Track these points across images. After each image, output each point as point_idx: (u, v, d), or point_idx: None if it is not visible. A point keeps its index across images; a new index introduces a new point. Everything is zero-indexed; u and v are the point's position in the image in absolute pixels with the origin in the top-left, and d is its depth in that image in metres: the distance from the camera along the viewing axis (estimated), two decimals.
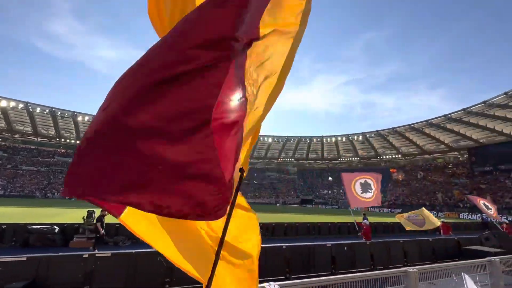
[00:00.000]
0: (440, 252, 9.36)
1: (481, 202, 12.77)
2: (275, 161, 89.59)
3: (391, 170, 69.74)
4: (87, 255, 5.79)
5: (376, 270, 6.54)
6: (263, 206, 59.79)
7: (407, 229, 11.94)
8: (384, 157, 73.74)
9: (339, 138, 70.12)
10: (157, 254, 6.56)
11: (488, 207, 12.84)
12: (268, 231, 14.38)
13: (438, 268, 4.05)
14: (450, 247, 9.71)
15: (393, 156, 71.97)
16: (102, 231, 8.52)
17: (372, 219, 20.78)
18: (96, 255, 5.85)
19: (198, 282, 1.51)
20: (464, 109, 46.98)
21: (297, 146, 78.70)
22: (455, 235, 13.25)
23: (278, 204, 68.28)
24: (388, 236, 15.69)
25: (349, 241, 8.18)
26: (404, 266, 8.66)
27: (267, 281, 4.39)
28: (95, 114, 1.00)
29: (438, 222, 11.72)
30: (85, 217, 10.89)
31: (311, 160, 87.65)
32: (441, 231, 12.27)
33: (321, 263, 7.31)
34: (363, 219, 14.18)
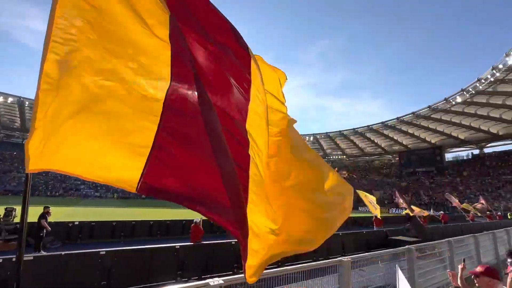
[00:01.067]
0: (372, 242, 10.57)
1: (402, 201, 15.09)
2: None
3: (335, 169, 75.92)
4: (1, 260, 4.94)
5: (318, 261, 7.07)
6: None
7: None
8: (331, 157, 79.90)
9: None
10: (93, 254, 5.97)
11: (407, 203, 15.22)
12: (220, 228, 14.30)
13: (367, 256, 4.55)
14: (380, 237, 11.05)
15: (339, 156, 78.56)
16: (49, 228, 7.67)
17: None
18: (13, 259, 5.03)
19: (132, 284, 1.41)
20: (397, 118, 53.73)
21: None
22: (385, 227, 15.15)
23: None
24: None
25: None
26: (341, 256, 9.55)
27: (219, 276, 4.37)
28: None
29: (375, 211, 13.47)
30: (1, 216, 9.26)
31: None
32: (374, 224, 13.90)
33: None
34: None
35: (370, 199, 14.68)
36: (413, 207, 17.00)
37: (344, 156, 77.43)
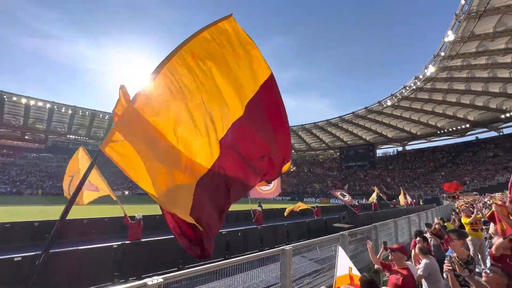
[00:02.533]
0: (313, 230, 11.48)
1: (338, 193, 16.77)
2: None
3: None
4: None
5: (264, 250, 7.37)
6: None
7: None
8: None
9: None
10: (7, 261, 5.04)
11: (344, 196, 16.94)
12: (162, 225, 13.58)
13: (307, 244, 4.91)
14: (320, 226, 12.07)
15: None
16: None
17: (266, 206, 23.22)
18: None
19: None
20: (340, 117, 58.98)
21: None
22: (325, 216, 16.62)
23: None
24: (277, 220, 17.96)
25: (244, 227, 8.84)
26: (286, 244, 10.16)
27: (159, 274, 4.13)
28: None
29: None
30: None
31: None
32: (315, 213, 15.13)
33: (216, 250, 7.56)
34: (258, 206, 15.64)
35: (340, 193, 16.32)
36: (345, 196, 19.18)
37: (293, 150, 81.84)
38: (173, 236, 1.98)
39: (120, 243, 6.32)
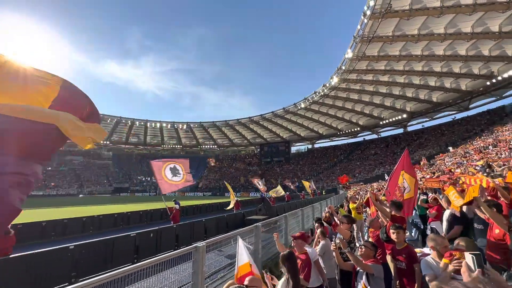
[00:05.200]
0: (231, 224, 11.73)
1: (256, 181, 18.08)
2: None
3: (209, 159, 78.98)
4: None
5: (179, 249, 7.01)
6: (59, 198, 46.81)
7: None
8: (203, 146, 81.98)
9: (164, 125, 68.99)
10: None
11: (259, 184, 18.37)
12: (55, 230, 11.26)
13: (219, 239, 4.91)
14: (238, 219, 12.44)
15: (211, 146, 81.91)
16: None
17: (185, 202, 22.35)
18: None
19: None
20: (261, 115, 62.46)
21: (115, 128, 68.18)
22: (244, 209, 17.29)
23: (81, 195, 56.13)
24: (197, 216, 17.54)
25: (157, 227, 8.17)
26: (204, 240, 10.01)
27: None
28: None
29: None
30: None
31: (131, 144, 79.84)
32: (234, 208, 15.53)
33: (122, 256, 6.71)
34: (175, 203, 14.84)
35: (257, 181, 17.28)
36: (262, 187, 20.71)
37: (215, 146, 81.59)
38: (66, 245, 1.59)
39: (77, 243, 4.81)
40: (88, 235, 11.79)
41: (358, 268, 3.12)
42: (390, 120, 53.62)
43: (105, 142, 73.41)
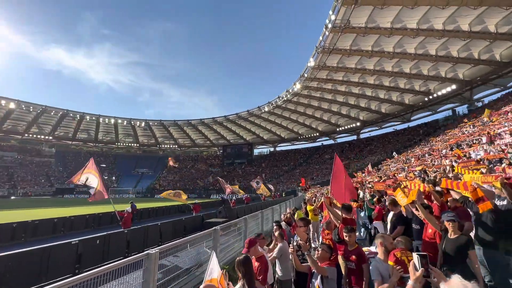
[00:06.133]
0: (189, 227, 11.31)
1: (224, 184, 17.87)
2: (18, 137, 63.60)
3: (169, 158, 75.41)
4: None
5: (130, 256, 6.49)
6: None
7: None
8: (163, 146, 78.06)
9: (120, 121, 63.92)
10: None
11: (225, 185, 18.23)
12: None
13: (175, 244, 4.67)
14: (197, 222, 12.06)
15: (172, 146, 78.42)
16: None
17: (140, 205, 20.95)
18: None
19: None
20: (225, 116, 61.96)
21: (60, 121, 60.89)
22: (203, 212, 16.85)
23: (13, 197, 48.88)
24: (152, 220, 16.54)
25: (105, 233, 7.46)
26: (159, 245, 9.45)
27: None
28: None
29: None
30: None
31: (80, 141, 72.37)
32: (193, 210, 15.04)
33: (60, 267, 5.95)
34: (131, 206, 13.80)
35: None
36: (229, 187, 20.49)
37: (176, 146, 78.38)
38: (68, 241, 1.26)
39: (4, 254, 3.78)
40: (19, 244, 10.24)
41: (313, 269, 3.23)
42: (346, 127, 57.76)
43: (46, 137, 65.12)
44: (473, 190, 3.69)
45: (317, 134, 64.23)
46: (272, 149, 75.84)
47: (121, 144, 75.18)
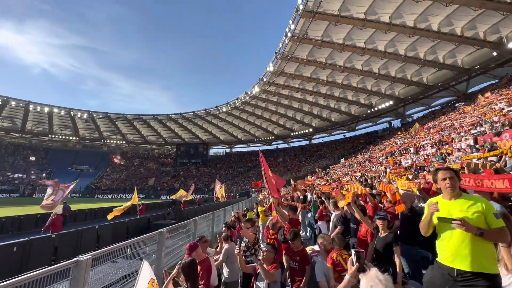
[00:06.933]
0: (133, 230, 10.46)
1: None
2: None
3: (112, 155, 68.93)
4: None
5: (57, 264, 5.67)
6: None
7: None
8: (108, 141, 71.04)
9: (56, 110, 56.04)
10: None
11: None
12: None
13: (117, 247, 4.26)
14: (142, 224, 11.23)
15: (119, 142, 71.84)
16: None
17: (76, 206, 18.67)
18: None
19: None
20: (181, 114, 59.47)
21: None
22: (151, 213, 15.82)
23: None
24: (91, 222, 14.85)
25: (25, 238, 6.39)
26: (95, 250, 8.49)
27: None
28: None
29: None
30: None
31: (1, 130, 61.26)
32: (139, 212, 13.97)
33: None
34: (64, 207, 12.19)
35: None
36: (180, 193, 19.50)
37: (124, 142, 72.14)
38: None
39: None
40: None
41: (258, 270, 3.27)
42: (299, 132, 60.83)
43: None
44: (393, 194, 4.22)
45: (273, 137, 66.19)
46: (228, 150, 75.43)
47: (56, 136, 65.92)
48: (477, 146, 9.92)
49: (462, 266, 1.88)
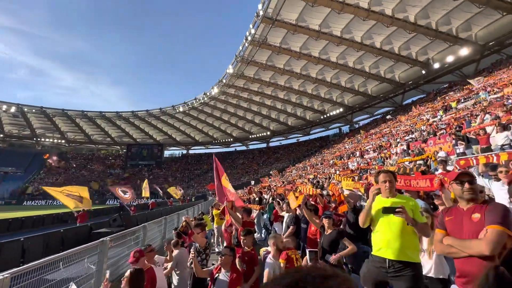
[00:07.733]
0: (70, 240, 9.26)
1: (119, 190, 15.33)
2: None
3: (45, 156, 60.30)
4: None
5: None
6: None
7: None
8: (43, 140, 62.15)
9: None
10: None
11: (125, 193, 15.72)
12: None
13: (45, 262, 3.70)
14: (82, 233, 10.04)
15: (56, 140, 63.36)
16: None
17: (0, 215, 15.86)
18: None
19: None
20: (132, 112, 55.31)
21: None
22: (95, 220, 14.25)
23: None
24: (17, 233, 12.72)
25: None
26: (20, 266, 7.27)
27: None
28: None
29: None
30: None
31: None
32: (79, 219, 12.43)
33: None
34: None
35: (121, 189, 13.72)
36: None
37: (63, 141, 63.94)
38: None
39: None
40: None
41: (215, 275, 3.17)
42: (258, 135, 61.88)
43: None
44: (338, 194, 4.56)
45: (231, 139, 66.01)
46: (184, 152, 72.67)
47: None
48: (409, 151, 11.40)
49: (392, 256, 2.16)
